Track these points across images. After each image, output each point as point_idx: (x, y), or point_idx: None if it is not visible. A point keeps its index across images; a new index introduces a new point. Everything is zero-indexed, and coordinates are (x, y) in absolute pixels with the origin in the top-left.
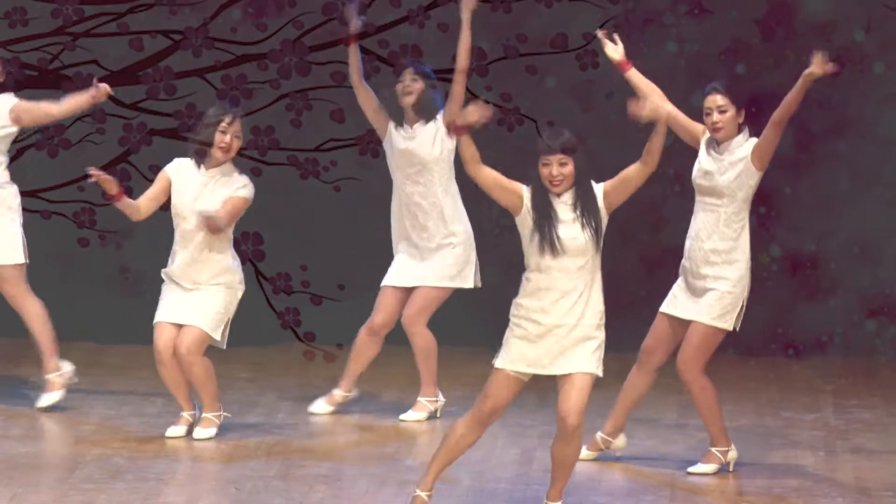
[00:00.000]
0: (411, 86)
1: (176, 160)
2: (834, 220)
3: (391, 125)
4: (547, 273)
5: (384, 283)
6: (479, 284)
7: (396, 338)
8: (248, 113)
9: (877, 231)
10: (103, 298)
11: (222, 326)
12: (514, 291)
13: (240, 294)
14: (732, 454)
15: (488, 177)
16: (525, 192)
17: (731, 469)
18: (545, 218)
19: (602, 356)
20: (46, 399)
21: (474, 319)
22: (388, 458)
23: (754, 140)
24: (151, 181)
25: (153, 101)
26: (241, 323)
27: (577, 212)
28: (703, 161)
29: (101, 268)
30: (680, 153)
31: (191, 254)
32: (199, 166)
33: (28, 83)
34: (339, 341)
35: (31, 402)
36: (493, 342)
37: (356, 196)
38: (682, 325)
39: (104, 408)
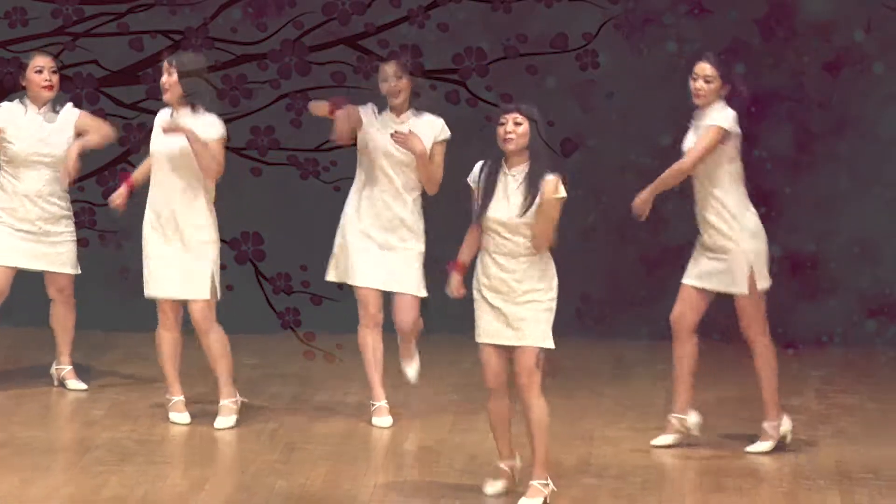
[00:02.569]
0: (398, 84)
1: None
2: (834, 220)
3: (372, 113)
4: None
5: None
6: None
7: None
8: (248, 113)
9: (877, 231)
10: (103, 298)
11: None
12: None
13: None
14: (786, 426)
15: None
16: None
17: (787, 441)
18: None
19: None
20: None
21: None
22: (386, 442)
23: (723, 111)
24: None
25: (153, 101)
26: (246, 313)
27: (521, 189)
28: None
29: (101, 268)
30: (679, 154)
31: None
32: None
33: None
34: (339, 341)
35: (42, 387)
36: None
37: None
38: (706, 292)
39: (114, 393)
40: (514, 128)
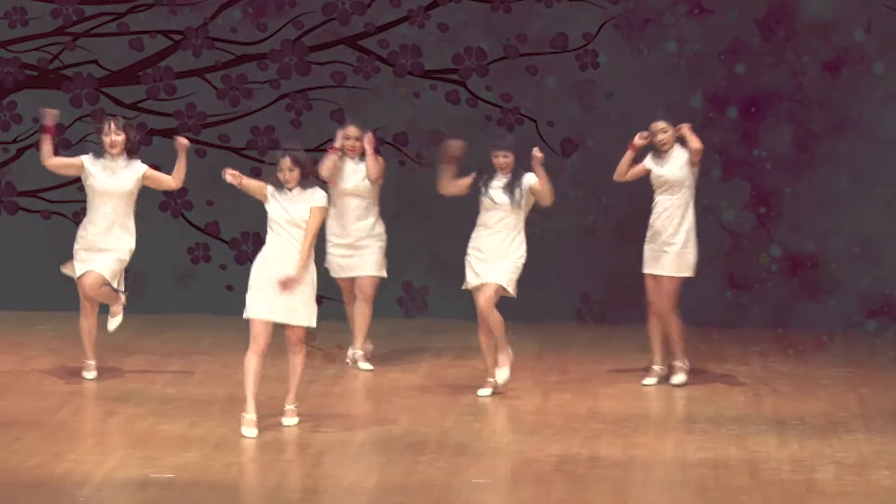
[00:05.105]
0: (289, 175)
1: None
2: (834, 220)
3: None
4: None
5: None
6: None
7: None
8: (248, 113)
9: (877, 231)
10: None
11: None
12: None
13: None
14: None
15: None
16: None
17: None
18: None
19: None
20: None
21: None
22: (393, 384)
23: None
24: None
25: (153, 101)
26: None
27: (508, 183)
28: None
29: None
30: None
31: None
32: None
33: (28, 83)
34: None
35: (200, 360)
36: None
37: None
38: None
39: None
40: (504, 160)
